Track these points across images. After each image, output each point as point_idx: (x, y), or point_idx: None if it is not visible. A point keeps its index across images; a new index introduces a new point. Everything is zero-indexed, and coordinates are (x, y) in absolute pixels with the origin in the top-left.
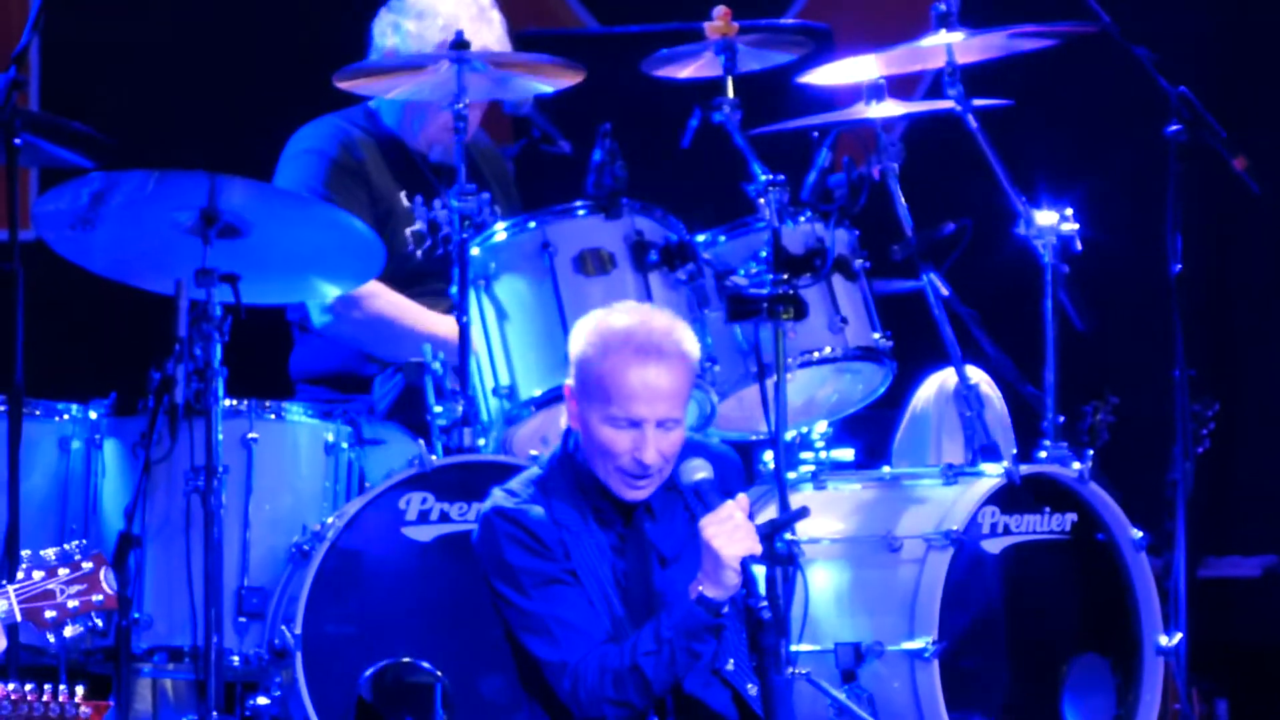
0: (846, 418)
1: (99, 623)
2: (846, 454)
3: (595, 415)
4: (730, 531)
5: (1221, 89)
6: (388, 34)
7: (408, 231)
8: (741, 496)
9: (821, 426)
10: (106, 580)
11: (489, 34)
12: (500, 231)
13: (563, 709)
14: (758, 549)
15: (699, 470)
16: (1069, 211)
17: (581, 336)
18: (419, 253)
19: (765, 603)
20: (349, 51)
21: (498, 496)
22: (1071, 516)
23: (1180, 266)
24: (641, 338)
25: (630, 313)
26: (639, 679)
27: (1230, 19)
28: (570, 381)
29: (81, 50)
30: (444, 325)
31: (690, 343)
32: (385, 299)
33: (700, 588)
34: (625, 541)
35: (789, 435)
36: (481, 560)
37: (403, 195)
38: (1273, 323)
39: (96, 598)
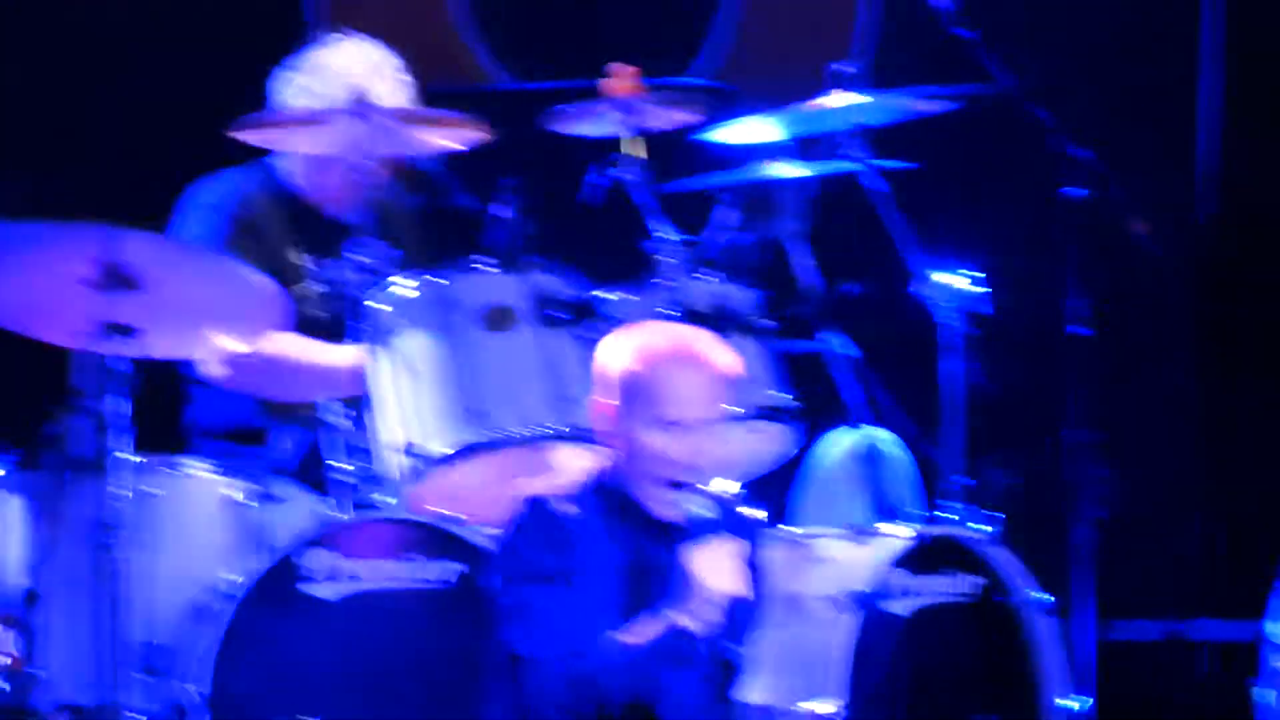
0: (752, 478)
1: (4, 686)
2: (758, 514)
3: (642, 423)
4: (716, 566)
5: (1119, 151)
6: (283, 90)
7: (301, 287)
8: (739, 539)
9: (732, 487)
10: (11, 644)
11: (383, 86)
12: (403, 287)
13: (529, 706)
14: (742, 590)
15: (699, 506)
16: (971, 272)
17: (620, 353)
18: (313, 309)
19: (739, 649)
20: (250, 104)
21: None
22: (977, 579)
23: (1080, 328)
24: (685, 345)
25: (665, 328)
26: (595, 689)
27: (1129, 81)
28: (608, 400)
29: None
30: (343, 355)
31: (729, 354)
32: (279, 340)
33: (675, 615)
34: (647, 563)
35: None
36: (499, 543)
37: (298, 251)
38: (1175, 386)
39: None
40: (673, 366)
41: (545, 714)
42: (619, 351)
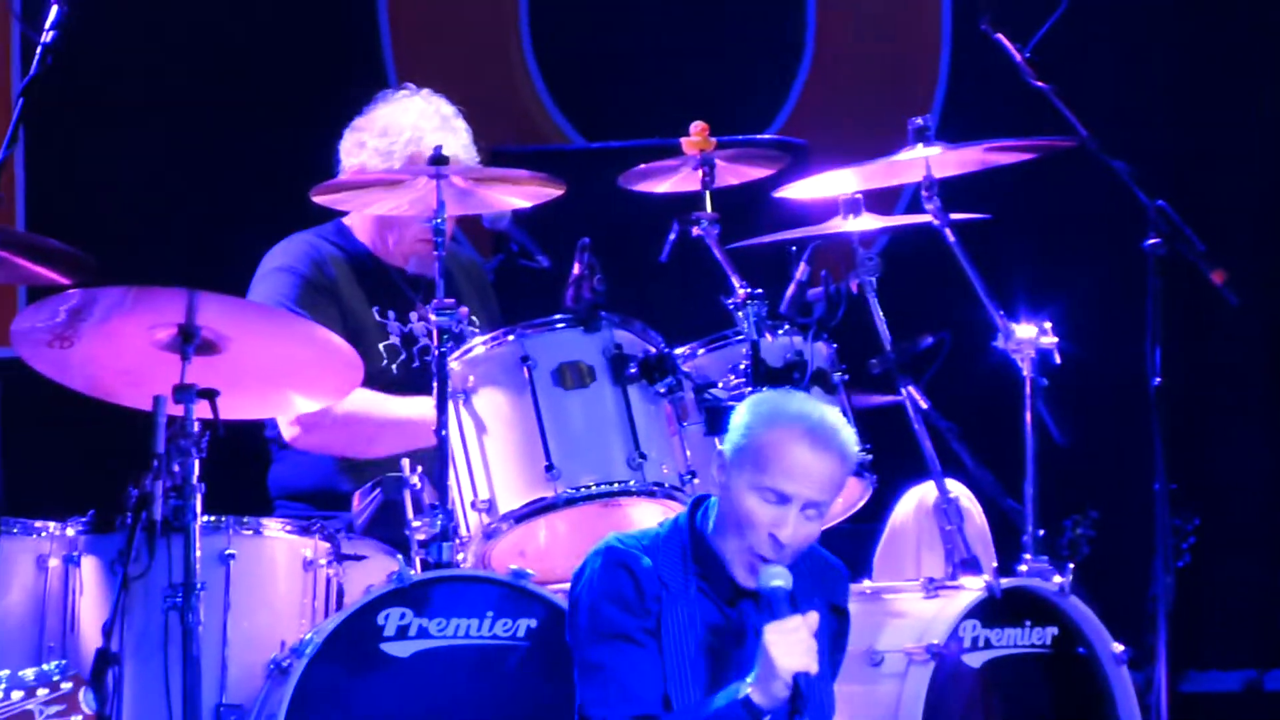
0: (826, 531)
1: None
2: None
3: (744, 484)
4: (791, 643)
5: (1197, 201)
6: (353, 152)
7: (381, 346)
8: (812, 614)
9: None
10: (85, 700)
11: (455, 142)
12: (479, 345)
13: None
14: (814, 668)
15: (776, 578)
16: (1048, 325)
17: (751, 407)
18: (393, 367)
19: None
20: (326, 166)
21: (612, 539)
22: (1052, 630)
23: (1160, 379)
24: (814, 421)
25: (805, 400)
26: None
27: (1204, 131)
28: (725, 448)
29: (65, 168)
30: (416, 408)
31: (855, 447)
32: (351, 400)
33: (749, 691)
34: (727, 620)
35: None
36: (572, 595)
37: (375, 311)
38: (1252, 436)
39: (75, 718)
40: (793, 437)
41: None
42: (752, 404)
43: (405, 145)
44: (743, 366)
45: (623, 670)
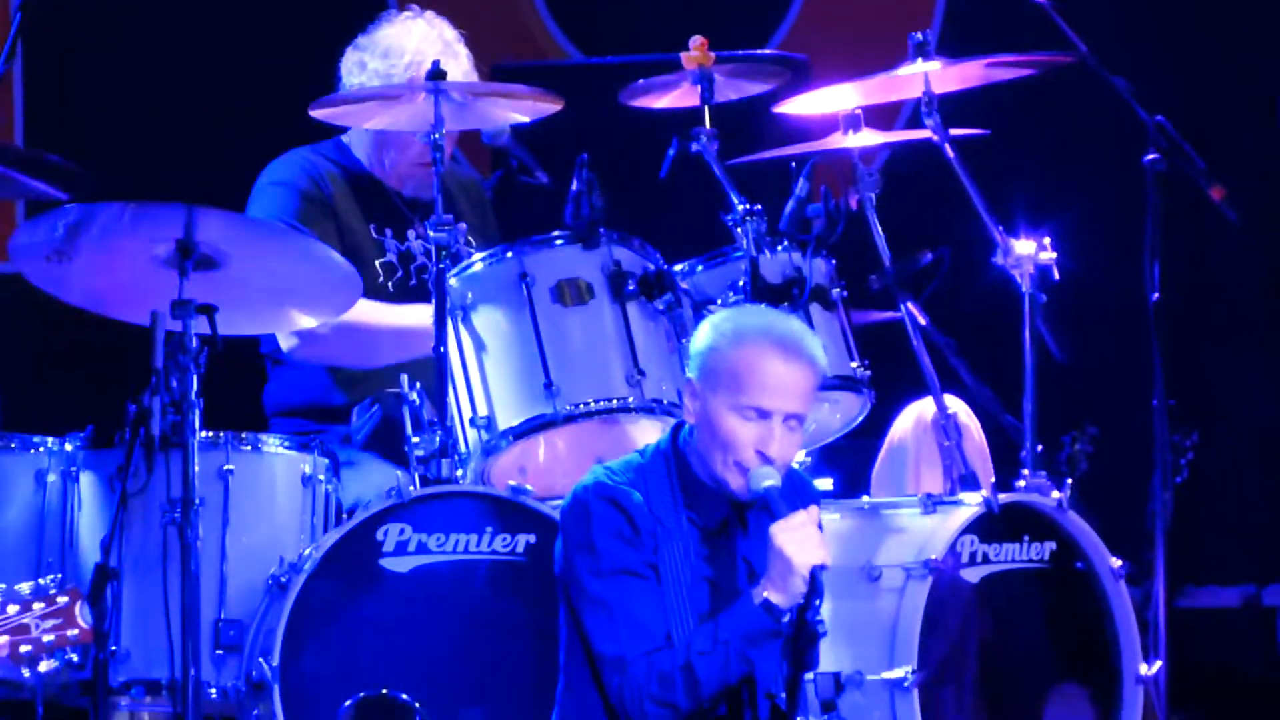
0: (825, 447)
1: (74, 657)
2: (825, 484)
3: (722, 405)
4: (802, 539)
5: (1196, 118)
6: (354, 72)
7: (377, 263)
8: (813, 507)
9: (800, 456)
10: (81, 614)
11: (456, 68)
12: (478, 262)
13: (609, 705)
14: (828, 559)
15: (766, 478)
16: (1047, 240)
17: (712, 328)
18: (390, 284)
19: (822, 617)
20: (325, 84)
21: (599, 473)
22: (1050, 545)
23: (1159, 295)
24: (781, 332)
25: (764, 311)
26: (689, 679)
27: (1204, 48)
28: (692, 374)
29: (64, 83)
30: (414, 316)
31: (821, 351)
32: (350, 309)
33: (766, 593)
34: (716, 550)
35: None
36: (565, 533)
37: (372, 228)
38: (1251, 352)
39: (72, 632)
40: (763, 352)
41: (636, 708)
42: (713, 324)
43: (406, 69)
44: (742, 283)
45: (632, 604)
